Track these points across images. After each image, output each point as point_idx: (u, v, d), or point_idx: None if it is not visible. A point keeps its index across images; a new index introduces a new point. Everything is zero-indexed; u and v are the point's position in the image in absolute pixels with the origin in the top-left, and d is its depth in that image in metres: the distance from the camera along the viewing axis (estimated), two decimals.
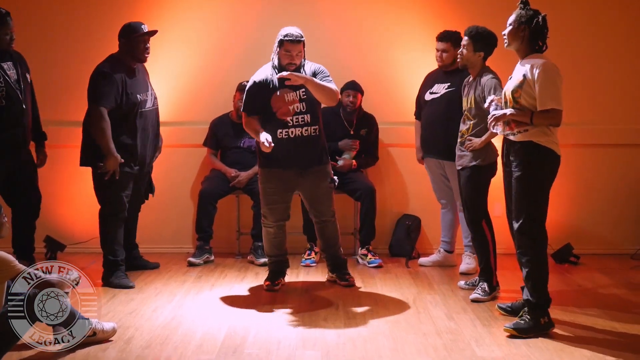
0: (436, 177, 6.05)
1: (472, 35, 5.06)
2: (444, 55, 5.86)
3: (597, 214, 6.72)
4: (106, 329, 4.16)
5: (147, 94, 5.62)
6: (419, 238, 6.58)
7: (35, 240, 5.78)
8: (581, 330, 4.47)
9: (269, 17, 6.66)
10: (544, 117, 4.24)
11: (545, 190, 4.35)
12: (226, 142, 6.53)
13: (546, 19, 4.35)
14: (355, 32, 6.68)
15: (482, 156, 5.07)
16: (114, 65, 5.45)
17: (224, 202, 6.43)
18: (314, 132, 5.21)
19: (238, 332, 4.37)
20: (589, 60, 6.65)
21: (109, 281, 5.43)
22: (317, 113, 5.26)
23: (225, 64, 6.70)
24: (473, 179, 5.11)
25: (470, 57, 5.09)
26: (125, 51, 5.53)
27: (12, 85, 5.32)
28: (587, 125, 6.64)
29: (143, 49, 5.55)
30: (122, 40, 5.55)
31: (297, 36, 5.10)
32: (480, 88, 5.03)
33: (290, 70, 5.11)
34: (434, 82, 5.97)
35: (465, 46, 5.09)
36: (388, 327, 4.49)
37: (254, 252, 6.27)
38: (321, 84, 5.12)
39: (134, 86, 5.50)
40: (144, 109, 5.56)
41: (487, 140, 5.04)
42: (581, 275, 5.91)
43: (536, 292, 4.34)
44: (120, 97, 5.38)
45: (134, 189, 5.65)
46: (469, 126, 5.12)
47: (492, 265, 5.11)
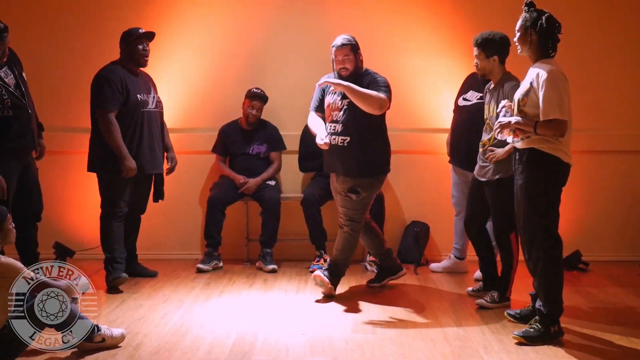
0: (458, 184, 5.98)
1: (478, 43, 5.04)
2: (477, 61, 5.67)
3: (605, 220, 6.70)
4: (115, 335, 4.17)
5: (147, 95, 5.66)
6: (428, 245, 6.57)
7: (45, 246, 5.79)
8: (590, 338, 4.44)
9: (277, 24, 6.68)
10: (548, 127, 4.15)
11: (550, 199, 4.28)
12: (235, 149, 6.54)
13: (552, 18, 4.26)
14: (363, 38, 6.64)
15: (505, 168, 4.92)
16: (114, 68, 5.52)
17: (232, 209, 6.43)
18: (341, 143, 5.20)
19: (246, 339, 4.38)
20: (596, 67, 6.64)
21: (107, 279, 5.51)
22: (353, 125, 5.18)
23: (233, 71, 6.72)
24: (498, 193, 5.00)
25: (486, 65, 5.05)
26: (125, 56, 5.61)
27: (14, 93, 5.16)
28: (595, 131, 6.62)
29: (142, 51, 5.59)
30: (121, 46, 5.63)
31: (339, 42, 5.24)
32: (503, 96, 4.87)
33: (344, 76, 5.21)
34: (469, 88, 5.74)
35: (477, 56, 5.07)
36: (396, 334, 4.49)
37: (262, 258, 6.27)
38: (360, 91, 5.08)
39: (134, 86, 5.56)
40: (145, 108, 5.61)
41: (510, 151, 4.82)
42: (590, 282, 5.89)
43: (548, 303, 4.30)
44: (123, 97, 5.45)
45: (138, 191, 5.71)
46: (490, 136, 4.97)
47: (510, 278, 5.09)
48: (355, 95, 5.08)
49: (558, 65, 4.26)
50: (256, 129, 6.54)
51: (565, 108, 4.15)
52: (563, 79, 4.19)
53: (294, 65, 6.64)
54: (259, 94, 6.46)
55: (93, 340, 4.03)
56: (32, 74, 5.55)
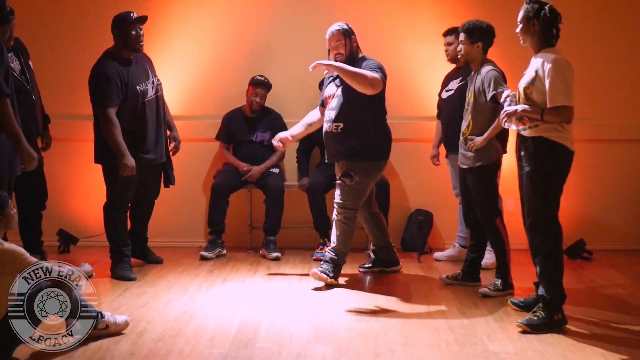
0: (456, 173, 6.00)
1: (466, 28, 5.06)
2: (449, 49, 5.91)
3: (609, 210, 6.70)
4: (119, 322, 4.17)
5: (146, 82, 5.56)
6: (431, 233, 6.57)
7: (48, 233, 5.80)
8: (594, 326, 4.45)
9: (280, 12, 6.68)
10: (555, 113, 4.18)
11: (556, 186, 4.31)
12: (239, 136, 6.54)
13: (554, 8, 4.29)
14: (367, 26, 6.66)
15: (485, 155, 5.00)
16: (108, 61, 5.41)
17: (236, 196, 6.44)
18: (335, 129, 5.24)
19: (250, 326, 4.38)
20: (602, 55, 6.62)
21: (113, 272, 5.52)
22: (346, 111, 5.21)
23: (237, 58, 6.71)
24: (480, 180, 5.06)
25: (470, 51, 5.06)
26: (120, 43, 5.48)
27: (18, 78, 5.17)
28: (601, 120, 6.61)
29: (135, 37, 5.45)
30: (114, 32, 5.50)
31: (331, 29, 5.34)
32: (480, 80, 4.97)
33: (339, 61, 5.25)
34: (450, 80, 6.00)
35: (462, 41, 5.09)
36: (399, 322, 4.49)
37: (265, 246, 6.28)
38: (351, 70, 5.11)
39: (132, 77, 5.46)
40: (146, 98, 5.53)
41: (489, 137, 4.95)
42: (594, 271, 5.89)
43: (550, 289, 4.31)
44: (123, 92, 5.38)
45: (147, 180, 5.69)
46: (468, 122, 5.06)
47: (507, 263, 5.09)
48: (347, 74, 5.11)
49: (561, 53, 4.30)
50: (260, 116, 6.53)
51: (571, 94, 4.20)
52: (568, 66, 4.24)
53: (298, 53, 6.61)
54: (262, 81, 6.44)
55: (97, 327, 4.02)
56: (35, 61, 5.53)
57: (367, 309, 4.79)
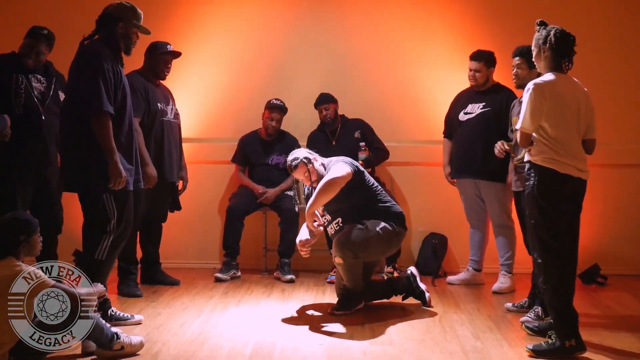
0: (470, 199, 6.03)
1: (524, 53, 5.03)
2: (477, 75, 5.87)
3: (624, 235, 6.68)
4: (134, 343, 4.18)
5: (167, 106, 5.76)
6: (446, 256, 6.57)
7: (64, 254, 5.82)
8: (610, 353, 4.39)
9: (297, 36, 6.74)
10: (518, 136, 4.28)
11: (545, 210, 4.19)
12: (254, 159, 6.58)
13: (563, 32, 4.24)
14: (382, 49, 6.72)
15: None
16: (135, 76, 5.60)
17: (251, 219, 6.47)
18: (337, 226, 5.25)
19: (264, 348, 4.38)
20: (616, 80, 6.64)
21: (120, 289, 5.61)
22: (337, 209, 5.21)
23: (253, 82, 6.78)
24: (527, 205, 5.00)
25: (527, 76, 5.01)
26: (148, 67, 5.75)
27: (33, 96, 5.29)
28: (614, 145, 6.60)
29: (164, 67, 5.75)
30: (146, 56, 5.76)
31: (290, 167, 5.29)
32: None
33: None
34: (468, 102, 5.95)
35: (519, 65, 5.09)
36: (414, 346, 4.48)
37: (280, 268, 6.29)
38: (321, 194, 5.02)
39: (155, 95, 5.67)
40: (164, 117, 5.70)
41: None
42: (609, 295, 5.86)
43: (552, 315, 4.28)
44: (146, 105, 5.56)
45: (158, 199, 5.77)
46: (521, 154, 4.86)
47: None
48: (322, 198, 5.04)
49: (555, 77, 4.23)
50: (276, 139, 6.58)
51: (529, 120, 4.18)
52: (542, 92, 4.18)
53: (314, 77, 6.68)
54: (278, 105, 6.49)
55: (112, 348, 4.04)
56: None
57: (381, 332, 4.78)
